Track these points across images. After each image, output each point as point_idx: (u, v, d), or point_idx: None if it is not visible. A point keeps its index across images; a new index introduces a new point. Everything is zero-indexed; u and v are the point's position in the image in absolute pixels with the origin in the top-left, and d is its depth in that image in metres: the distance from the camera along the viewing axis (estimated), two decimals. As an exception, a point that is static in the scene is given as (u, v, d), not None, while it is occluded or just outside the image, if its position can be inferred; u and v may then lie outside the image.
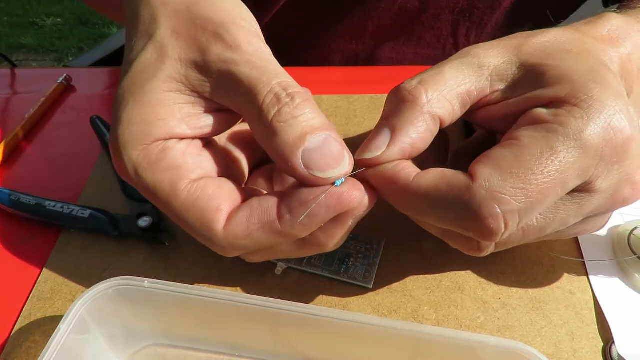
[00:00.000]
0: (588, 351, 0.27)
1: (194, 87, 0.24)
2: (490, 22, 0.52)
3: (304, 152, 0.22)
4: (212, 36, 0.24)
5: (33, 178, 0.37)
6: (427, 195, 0.22)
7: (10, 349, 0.27)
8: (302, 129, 0.22)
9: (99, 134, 0.39)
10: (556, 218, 0.23)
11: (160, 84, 0.23)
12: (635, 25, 0.28)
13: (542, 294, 0.29)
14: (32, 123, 0.41)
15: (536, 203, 0.21)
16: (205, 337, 0.27)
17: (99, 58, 0.75)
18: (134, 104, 0.23)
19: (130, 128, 0.23)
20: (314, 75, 0.47)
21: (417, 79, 0.25)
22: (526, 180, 0.20)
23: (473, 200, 0.21)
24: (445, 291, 0.29)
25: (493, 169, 0.21)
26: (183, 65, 0.24)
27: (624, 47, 0.26)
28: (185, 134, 0.24)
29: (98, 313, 0.24)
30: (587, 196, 0.22)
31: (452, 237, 0.25)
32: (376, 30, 0.52)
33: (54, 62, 2.07)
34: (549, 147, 0.21)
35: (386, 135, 0.24)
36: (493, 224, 0.21)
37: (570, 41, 0.25)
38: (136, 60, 0.24)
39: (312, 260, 0.30)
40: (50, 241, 0.32)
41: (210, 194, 0.23)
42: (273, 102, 0.22)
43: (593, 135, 0.21)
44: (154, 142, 0.23)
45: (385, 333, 0.23)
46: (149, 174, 0.23)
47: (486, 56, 0.25)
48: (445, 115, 0.24)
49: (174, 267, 0.31)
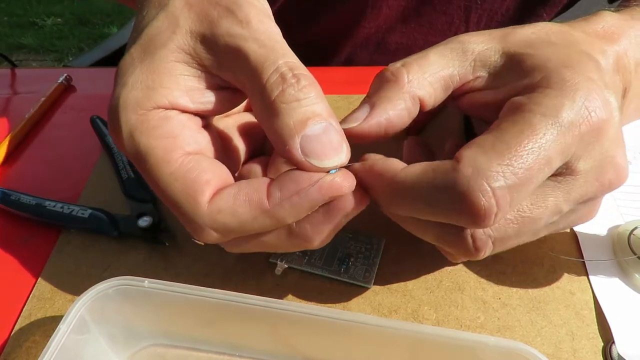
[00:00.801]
0: (588, 351, 0.27)
1: (201, 60, 0.24)
2: (500, 10, 0.52)
3: (303, 138, 0.21)
4: (224, 10, 0.23)
5: (33, 178, 0.37)
6: (415, 184, 0.22)
7: (10, 349, 0.27)
8: (304, 114, 0.22)
9: (99, 134, 0.39)
10: (548, 205, 0.23)
11: (169, 53, 0.23)
12: (630, 22, 0.28)
13: (542, 294, 0.29)
14: (32, 123, 0.41)
15: (524, 180, 0.21)
16: (205, 337, 0.27)
17: (99, 58, 0.75)
18: (141, 70, 0.23)
19: (133, 92, 0.23)
20: (314, 75, 0.47)
21: (402, 62, 0.26)
22: (511, 157, 0.21)
23: (460, 180, 0.21)
24: (445, 291, 0.29)
25: (477, 150, 0.21)
26: (193, 37, 0.24)
27: (619, 43, 0.27)
28: (187, 107, 0.24)
29: (98, 313, 0.24)
30: (572, 179, 0.23)
31: (446, 239, 0.24)
32: (390, 12, 0.52)
33: (54, 62, 2.07)
34: (528, 125, 0.21)
35: (365, 109, 0.25)
36: (484, 201, 0.20)
37: (557, 33, 0.26)
38: (147, 27, 0.24)
39: (312, 260, 0.30)
40: (50, 241, 0.32)
41: (202, 168, 0.23)
42: (278, 81, 0.22)
43: (569, 112, 0.21)
44: (154, 109, 0.23)
45: (385, 333, 0.23)
46: (144, 138, 0.23)
47: (471, 42, 0.26)
48: (425, 97, 0.25)
49: (174, 267, 0.31)
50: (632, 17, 0.29)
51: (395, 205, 0.24)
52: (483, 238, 0.23)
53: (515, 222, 0.23)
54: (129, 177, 0.35)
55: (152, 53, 0.23)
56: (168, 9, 0.24)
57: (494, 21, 0.53)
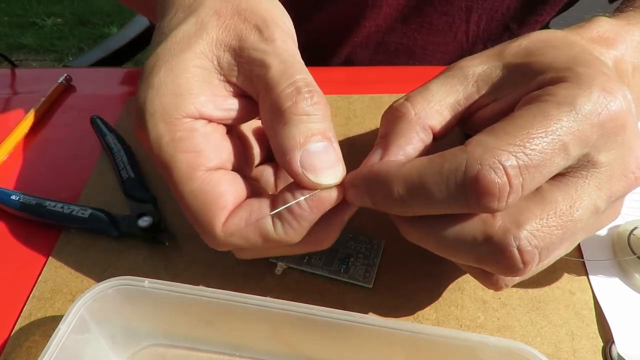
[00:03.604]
0: (588, 351, 0.27)
1: (223, 69, 0.25)
2: (501, 9, 0.52)
3: (304, 152, 0.22)
4: (252, 27, 0.25)
5: (33, 178, 0.37)
6: (422, 174, 0.21)
7: (10, 349, 0.27)
8: (310, 129, 0.23)
9: (99, 134, 0.39)
10: (585, 204, 0.21)
11: (193, 57, 0.24)
12: (626, 27, 0.28)
13: (542, 294, 0.29)
14: (32, 123, 0.41)
15: (537, 162, 0.20)
16: (205, 337, 0.27)
17: (99, 58, 0.75)
18: (167, 71, 0.24)
19: (161, 97, 0.24)
20: (314, 75, 0.47)
21: (404, 96, 0.26)
22: (522, 138, 0.20)
23: (471, 160, 0.20)
24: (445, 291, 0.29)
25: (487, 134, 0.21)
26: (218, 45, 0.24)
27: (616, 48, 0.27)
28: (212, 115, 0.25)
29: (98, 313, 0.24)
30: (595, 172, 0.22)
31: (489, 257, 0.22)
32: (390, 11, 0.52)
33: (54, 62, 2.07)
34: (541, 112, 0.21)
35: (378, 153, 0.24)
36: (497, 178, 0.19)
37: (554, 38, 0.25)
38: (175, 30, 0.25)
39: (312, 260, 0.30)
40: (50, 241, 0.32)
41: (222, 191, 0.24)
42: (293, 93, 0.23)
43: (586, 101, 0.21)
44: (183, 118, 0.24)
45: (385, 333, 0.23)
46: (170, 149, 0.23)
47: (469, 67, 0.25)
48: (436, 125, 0.25)
49: (174, 267, 0.31)
50: (629, 22, 0.28)
51: (402, 203, 0.22)
52: (529, 249, 0.21)
53: (559, 227, 0.21)
54: (129, 177, 0.35)
55: (177, 55, 0.24)
56: (198, 14, 0.25)
57: (494, 20, 0.53)
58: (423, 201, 0.22)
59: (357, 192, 0.24)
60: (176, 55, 0.24)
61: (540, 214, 0.21)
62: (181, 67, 0.24)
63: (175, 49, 0.24)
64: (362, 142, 0.39)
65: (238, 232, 0.23)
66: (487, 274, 0.24)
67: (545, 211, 0.21)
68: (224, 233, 0.24)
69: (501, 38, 0.54)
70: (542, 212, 0.21)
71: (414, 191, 0.21)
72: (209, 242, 0.25)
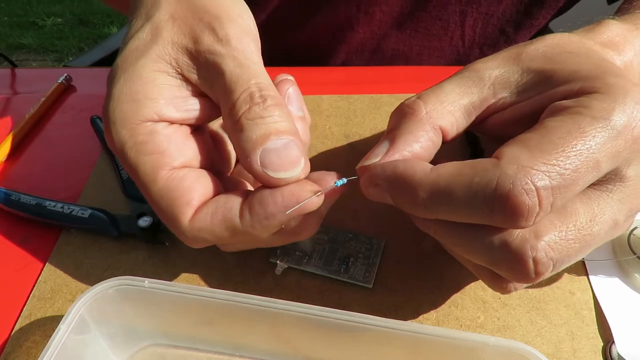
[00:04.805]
0: (588, 351, 0.27)
1: (182, 70, 0.25)
2: (497, 13, 0.51)
3: (263, 151, 0.23)
4: (206, 27, 0.25)
5: (33, 178, 0.37)
6: (449, 184, 0.21)
7: (10, 349, 0.27)
8: (266, 129, 0.23)
9: (99, 134, 0.39)
10: (606, 219, 0.21)
11: (149, 63, 0.25)
12: (635, 32, 0.28)
13: (542, 293, 0.29)
14: (32, 123, 0.41)
15: (570, 181, 0.19)
16: (205, 337, 0.27)
17: (99, 58, 0.75)
18: (125, 80, 0.24)
19: (120, 105, 0.24)
20: (314, 75, 0.47)
21: (417, 95, 0.25)
22: (557, 157, 0.19)
23: (503, 178, 0.19)
24: (445, 291, 0.29)
25: (521, 148, 0.20)
26: (175, 48, 0.25)
27: (624, 53, 0.27)
28: (173, 117, 0.25)
29: (98, 313, 0.24)
30: (621, 186, 0.22)
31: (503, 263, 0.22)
32: (383, 17, 0.51)
33: (54, 62, 2.07)
34: (577, 127, 0.20)
35: (385, 145, 0.24)
36: (528, 200, 0.19)
37: (569, 43, 0.25)
38: (132, 38, 0.25)
39: (312, 260, 0.30)
40: (50, 241, 0.32)
41: (186, 187, 0.24)
42: (246, 99, 0.23)
43: (621, 116, 0.20)
44: (143, 122, 0.24)
45: (385, 333, 0.23)
46: (133, 154, 0.24)
47: (485, 69, 0.25)
48: (446, 126, 0.25)
49: (174, 267, 0.31)
50: (637, 26, 0.28)
51: (425, 207, 0.22)
52: (545, 261, 0.20)
53: (577, 240, 0.21)
54: (129, 177, 0.35)
55: (133, 62, 0.25)
56: (153, 21, 0.26)
57: (490, 24, 0.52)
58: (447, 209, 0.21)
59: (379, 191, 0.23)
60: (132, 63, 0.25)
61: (559, 226, 0.21)
62: (138, 74, 0.24)
63: (132, 57, 0.25)
64: (362, 142, 0.39)
65: (205, 227, 0.24)
66: (496, 276, 0.24)
67: (565, 223, 0.21)
68: (191, 228, 0.24)
69: (497, 42, 0.54)
70: (562, 224, 0.21)
71: (440, 200, 0.21)
72: (180, 238, 0.25)
